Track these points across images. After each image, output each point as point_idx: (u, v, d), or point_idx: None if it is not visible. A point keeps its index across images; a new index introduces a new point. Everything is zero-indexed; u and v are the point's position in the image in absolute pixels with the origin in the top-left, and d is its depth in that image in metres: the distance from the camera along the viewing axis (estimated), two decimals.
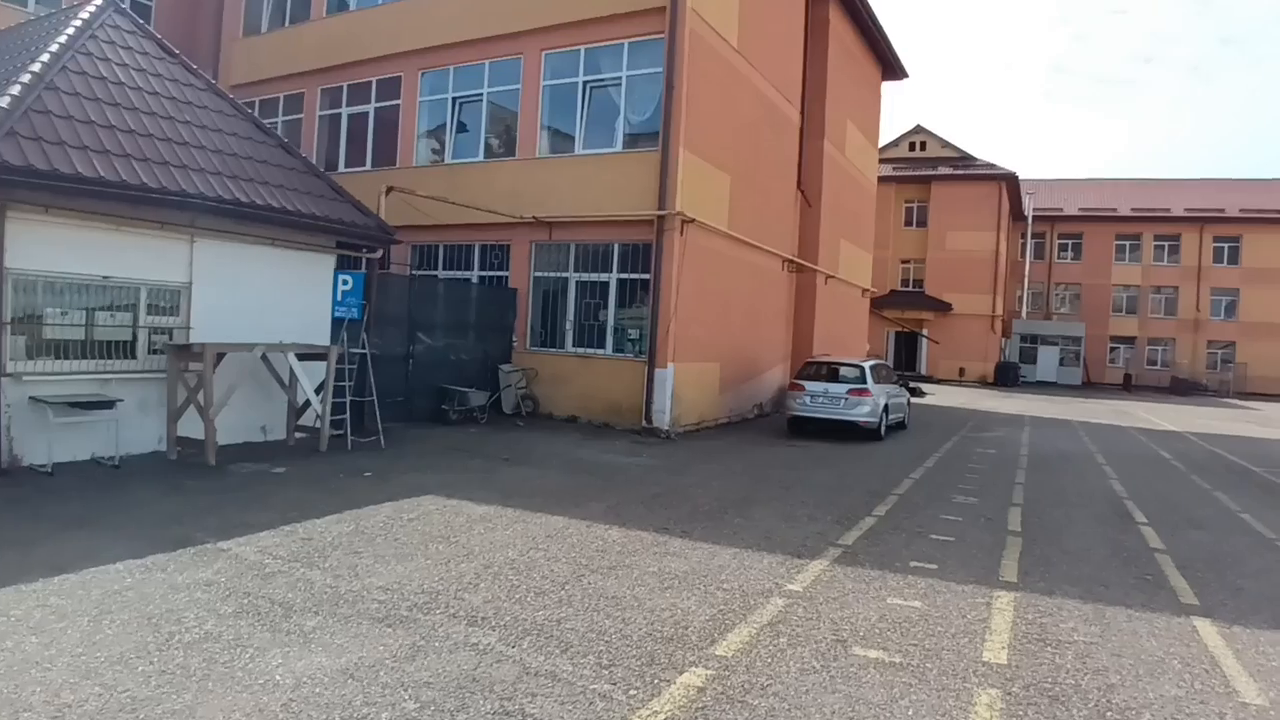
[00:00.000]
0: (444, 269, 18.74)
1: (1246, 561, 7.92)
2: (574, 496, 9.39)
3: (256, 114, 22.50)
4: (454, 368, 16.10)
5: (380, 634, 4.93)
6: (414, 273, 17.17)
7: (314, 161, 20.82)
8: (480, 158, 18.21)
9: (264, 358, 11.84)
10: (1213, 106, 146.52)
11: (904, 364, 44.75)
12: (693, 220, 15.56)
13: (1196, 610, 6.29)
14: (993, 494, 10.96)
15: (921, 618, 5.79)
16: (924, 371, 44.73)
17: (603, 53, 16.72)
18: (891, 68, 29.22)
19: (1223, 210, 50.09)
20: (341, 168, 20.35)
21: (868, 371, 16.05)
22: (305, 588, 5.67)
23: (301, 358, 12.13)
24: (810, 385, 16.08)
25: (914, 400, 29.67)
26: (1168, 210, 50.91)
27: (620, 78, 16.43)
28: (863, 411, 15.73)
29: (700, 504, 9.40)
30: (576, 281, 16.95)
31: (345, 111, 20.66)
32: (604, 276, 16.59)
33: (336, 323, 13.15)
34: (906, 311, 44.56)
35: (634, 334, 16.10)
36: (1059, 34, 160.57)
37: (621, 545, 7.37)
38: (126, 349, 10.49)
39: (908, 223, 46.10)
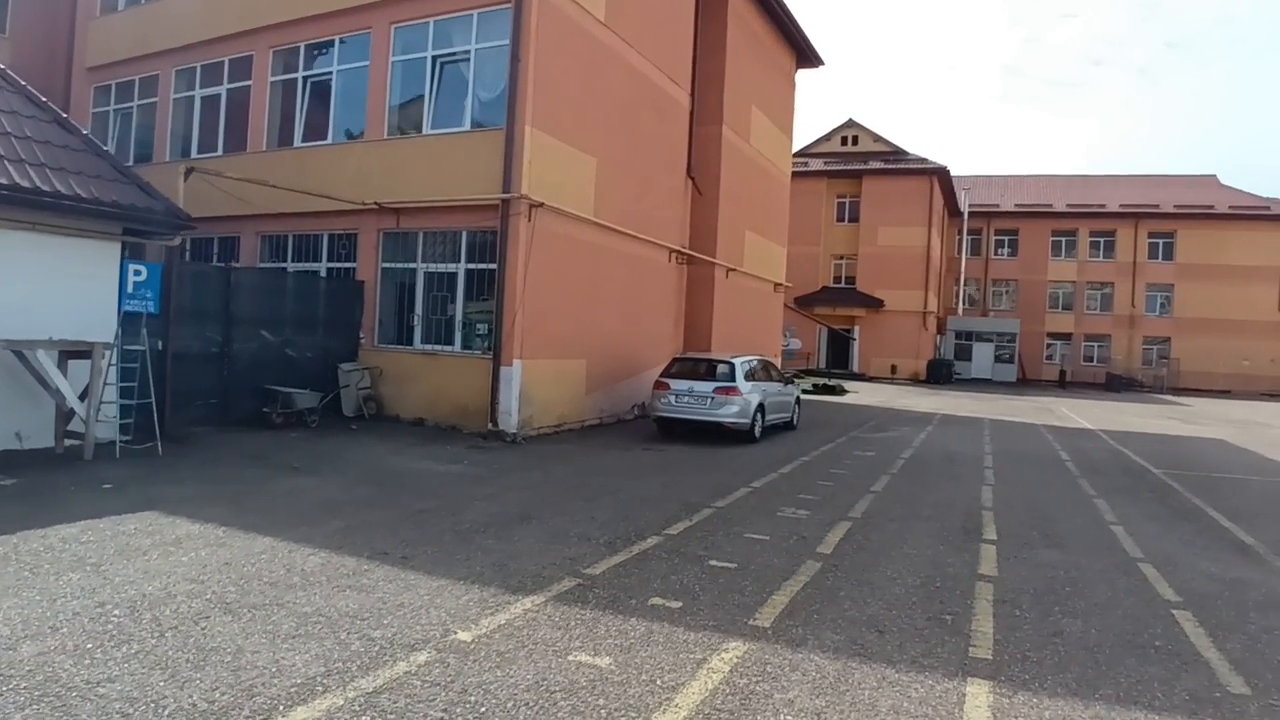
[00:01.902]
0: (294, 261, 17.23)
1: (1089, 591, 6.70)
2: (323, 513, 8.06)
3: (113, 99, 21.05)
4: (284, 367, 14.63)
5: None
6: (234, 264, 15.65)
7: (169, 147, 19.37)
8: (329, 140, 16.74)
9: (20, 356, 10.36)
10: (1160, 108, 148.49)
11: (835, 361, 43.86)
12: (542, 204, 14.21)
13: (983, 669, 4.96)
14: (833, 506, 9.74)
15: (592, 683, 4.49)
16: (855, 369, 43.86)
17: (453, 25, 15.35)
18: (806, 55, 28.15)
19: (1157, 206, 49.90)
20: (195, 153, 18.80)
21: (738, 369, 14.80)
22: None
23: (72, 355, 10.73)
24: (676, 384, 14.82)
25: (833, 399, 28.73)
26: (1103, 206, 50.63)
27: (469, 51, 15.07)
28: (730, 412, 14.48)
29: (466, 521, 8.07)
30: (425, 273, 15.54)
31: (198, 94, 19.06)
32: (452, 267, 15.21)
33: (131, 318, 11.66)
34: (838, 308, 43.67)
35: (482, 329, 14.75)
36: (1011, 36, 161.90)
37: (307, 575, 6.06)
38: None
39: (840, 218, 45.17)
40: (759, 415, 15.14)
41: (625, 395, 17.57)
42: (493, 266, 14.47)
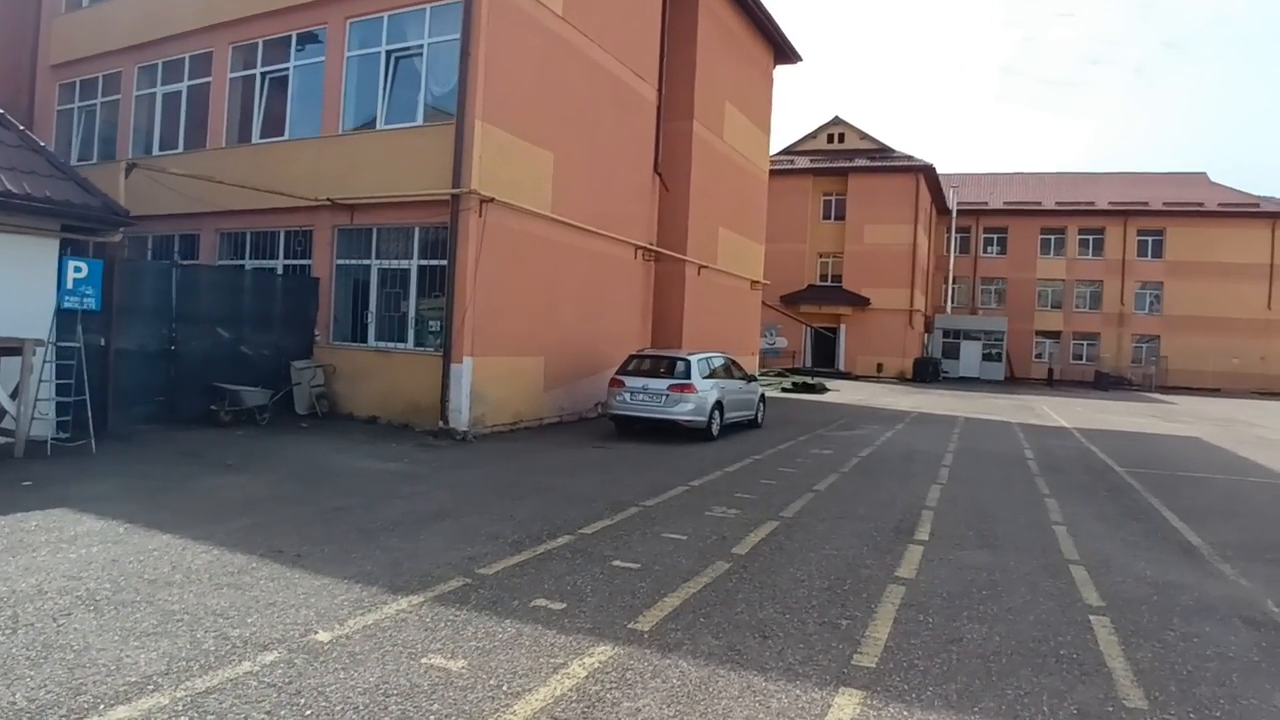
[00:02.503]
0: (252, 258, 17.09)
1: (1006, 595, 6.44)
2: (237, 510, 7.94)
3: (77, 96, 20.89)
4: (236, 365, 14.48)
5: None
6: (182, 261, 15.45)
7: (132, 144, 19.20)
8: (286, 136, 16.57)
9: None
10: (1158, 108, 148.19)
11: (821, 360, 43.67)
12: (492, 200, 14.04)
13: (860, 678, 4.74)
14: (767, 505, 9.57)
15: (434, 686, 4.33)
16: (841, 368, 43.67)
17: (407, 19, 15.20)
18: (784, 52, 27.99)
19: (1146, 204, 49.70)
20: (157, 150, 18.68)
21: (693, 366, 14.63)
22: None
23: (4, 353, 10.61)
24: (631, 381, 14.65)
25: (811, 397, 28.55)
26: (1092, 204, 50.44)
27: (422, 46, 14.92)
28: (685, 410, 14.31)
29: (379, 519, 7.91)
30: (378, 269, 15.39)
31: (160, 91, 18.90)
32: (405, 264, 15.05)
33: (69, 315, 11.51)
34: (824, 306, 43.49)
35: (434, 326, 14.60)
36: (1008, 36, 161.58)
37: (191, 572, 5.96)
38: None
39: (826, 216, 44.97)
40: (717, 413, 14.97)
41: (588, 393, 17.40)
42: (445, 263, 14.30)
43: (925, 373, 42.37)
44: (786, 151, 47.16)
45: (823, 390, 30.75)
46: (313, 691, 4.18)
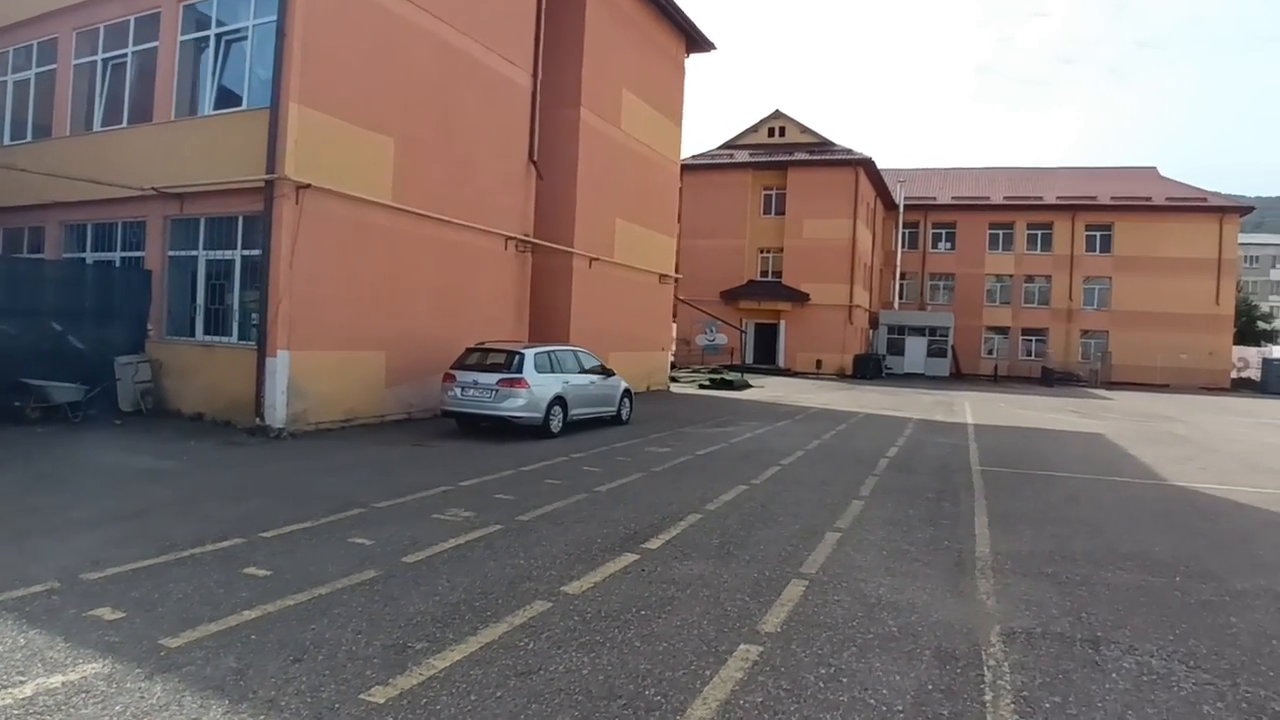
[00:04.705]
0: (94, 250, 16.41)
1: (667, 616, 5.67)
2: None
3: None
4: (56, 360, 13.85)
5: None
6: (28, 255, 14.82)
7: None
8: (124, 124, 15.92)
9: None
10: (1131, 106, 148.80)
11: (762, 357, 43.15)
12: (309, 186, 13.42)
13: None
14: (519, 506, 8.94)
15: None
16: (782, 364, 43.15)
17: (237, 0, 14.57)
18: (695, 40, 27.43)
19: (1094, 198, 49.40)
20: (8, 140, 17.99)
21: (526, 359, 14.03)
22: None
23: None
24: (462, 375, 14.05)
25: (728, 394, 27.98)
26: (1040, 198, 50.11)
27: (248, 28, 14.29)
28: (516, 405, 13.71)
29: (62, 519, 7.39)
30: (206, 260, 14.75)
31: (11, 79, 18.21)
32: (229, 254, 14.42)
33: None
34: (763, 302, 42.93)
35: (258, 319, 13.96)
36: (984, 36, 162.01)
37: None
38: None
39: (766, 211, 44.39)
40: (557, 409, 14.39)
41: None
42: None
43: (866, 369, 41.87)
44: (727, 145, 46.62)
45: (744, 387, 30.20)
46: None
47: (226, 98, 14.56)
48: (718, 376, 31.15)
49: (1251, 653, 5.43)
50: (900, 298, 50.57)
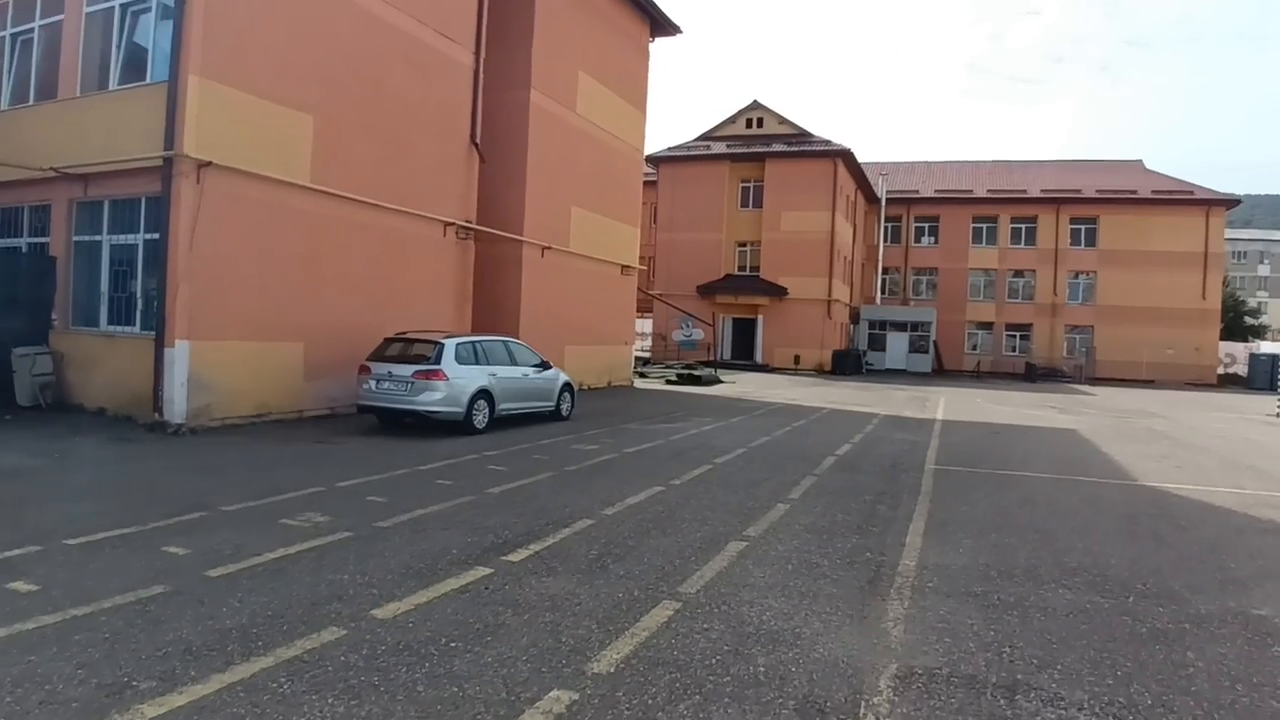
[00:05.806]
0: (1, 237, 15.53)
1: (490, 645, 5.07)
2: None
3: None
4: None
5: None
6: None
7: None
8: (31, 102, 15.03)
9: None
10: (1122, 104, 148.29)
11: (740, 352, 42.32)
12: (210, 164, 12.55)
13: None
14: (388, 511, 8.07)
15: None
16: (760, 360, 42.32)
17: None
18: (660, 24, 26.56)
19: (1079, 191, 48.64)
20: None
21: (446, 350, 13.17)
22: None
23: None
24: (377, 368, 13.19)
25: (693, 389, 27.16)
26: (1024, 191, 49.35)
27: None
28: (433, 399, 12.86)
29: None
30: (110, 245, 13.88)
31: None
32: (132, 238, 13.55)
33: None
34: (741, 296, 42.08)
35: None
36: (975, 33, 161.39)
37: None
38: None
39: (744, 203, 43.50)
40: (481, 403, 13.55)
41: None
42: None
43: (846, 365, 41.05)
44: (704, 137, 45.74)
45: (713, 383, 29.38)
46: None
47: (132, 72, 13.68)
48: (687, 372, 30.34)
49: (1210, 704, 4.38)
50: (883, 293, 49.78)
